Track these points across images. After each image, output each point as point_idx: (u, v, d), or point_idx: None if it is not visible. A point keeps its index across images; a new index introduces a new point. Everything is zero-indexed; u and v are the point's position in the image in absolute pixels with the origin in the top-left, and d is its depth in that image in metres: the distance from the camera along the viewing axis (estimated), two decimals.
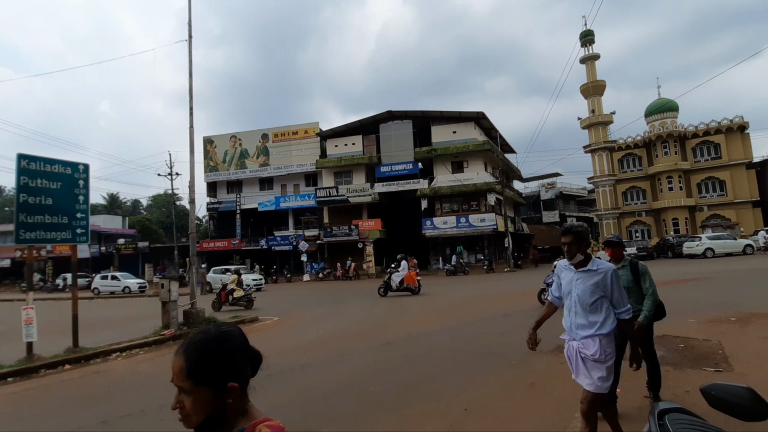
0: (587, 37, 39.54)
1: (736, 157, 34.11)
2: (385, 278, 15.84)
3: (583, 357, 2.77)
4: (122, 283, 27.30)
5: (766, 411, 1.34)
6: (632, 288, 3.77)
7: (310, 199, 35.72)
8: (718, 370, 5.04)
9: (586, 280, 2.79)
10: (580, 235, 2.83)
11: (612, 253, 3.93)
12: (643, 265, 3.84)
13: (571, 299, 2.88)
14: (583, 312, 2.80)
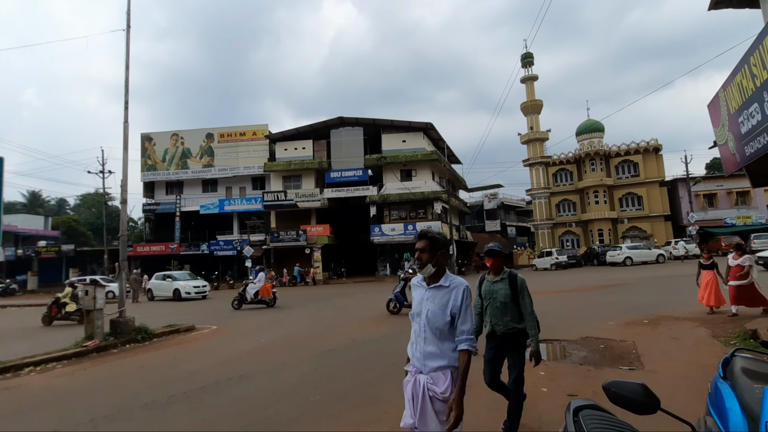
0: (527, 59, 42.26)
1: (651, 176, 37.95)
2: (240, 290, 15.56)
3: (432, 396, 2.26)
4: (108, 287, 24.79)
5: (657, 405, 1.54)
6: (509, 304, 3.52)
7: (257, 203, 34.77)
8: (631, 368, 5.53)
9: (437, 298, 2.35)
10: (435, 242, 2.40)
11: (492, 264, 3.66)
12: (522, 279, 3.59)
13: (420, 322, 2.38)
14: (434, 338, 2.31)
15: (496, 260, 3.65)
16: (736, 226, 35.12)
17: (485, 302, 3.67)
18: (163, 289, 21.74)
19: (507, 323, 3.55)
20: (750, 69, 4.18)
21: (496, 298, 3.58)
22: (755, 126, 4.25)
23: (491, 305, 3.61)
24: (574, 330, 8.02)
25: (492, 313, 3.61)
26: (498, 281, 3.62)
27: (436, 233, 2.46)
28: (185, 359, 7.67)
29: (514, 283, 3.56)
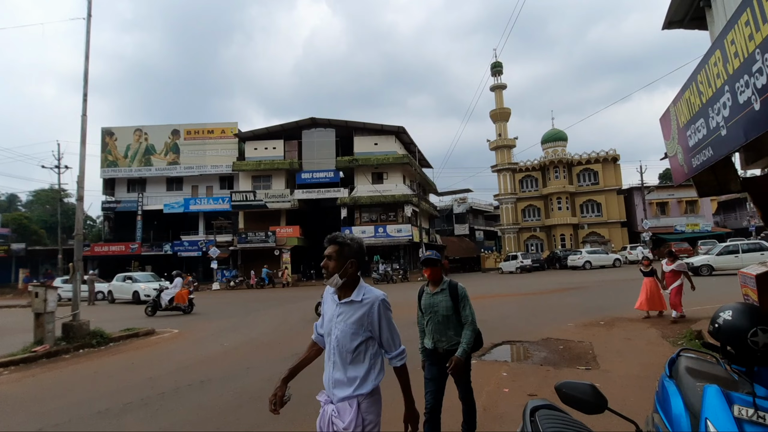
0: (497, 68, 43.45)
1: (609, 184, 39.84)
2: (153, 296, 15.01)
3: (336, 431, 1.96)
4: None
5: (604, 405, 1.60)
6: (451, 317, 3.26)
7: (225, 203, 33.91)
8: (588, 368, 5.76)
9: (348, 315, 2.03)
10: (345, 249, 2.06)
11: (430, 275, 3.36)
12: (463, 289, 3.33)
13: (330, 343, 2.05)
14: (342, 363, 2.00)
15: (433, 270, 3.34)
16: (685, 232, 37.43)
17: (426, 317, 3.34)
18: (123, 291, 20.74)
19: (451, 338, 3.24)
20: (697, 86, 4.49)
21: (437, 311, 3.26)
22: (701, 140, 4.57)
23: (432, 320, 3.29)
24: (536, 331, 8.31)
25: (434, 328, 3.27)
26: (438, 293, 3.31)
27: (348, 238, 2.12)
28: (144, 364, 7.39)
29: (454, 293, 3.26)
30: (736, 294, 5.71)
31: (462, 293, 3.28)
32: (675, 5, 6.41)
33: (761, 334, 1.68)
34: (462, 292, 3.29)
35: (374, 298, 2.05)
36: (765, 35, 3.03)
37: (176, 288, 14.44)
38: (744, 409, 1.59)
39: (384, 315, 2.04)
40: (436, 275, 3.37)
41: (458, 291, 3.28)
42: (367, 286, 2.11)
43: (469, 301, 3.30)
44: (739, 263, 18.11)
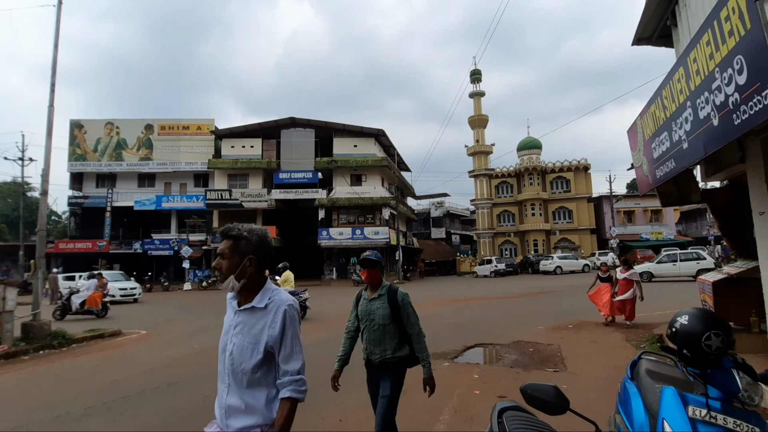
0: (476, 75, 44.26)
1: (581, 192, 41.20)
2: (63, 298, 14.06)
3: None
4: None
5: (566, 405, 1.66)
6: (388, 326, 2.89)
7: (199, 201, 33.10)
8: (556, 370, 5.91)
9: (248, 326, 1.66)
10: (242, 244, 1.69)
11: (368, 278, 2.98)
12: (404, 294, 2.95)
13: (224, 362, 1.69)
14: (238, 385, 1.64)
15: (371, 272, 2.96)
16: (650, 240, 38.98)
17: (362, 324, 3.01)
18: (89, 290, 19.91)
19: (385, 351, 2.90)
20: (662, 101, 4.72)
21: (374, 319, 2.91)
22: (665, 152, 4.80)
23: (368, 328, 2.95)
24: (508, 334, 8.47)
25: (368, 338, 2.95)
26: (375, 299, 2.95)
27: (245, 230, 1.73)
28: (108, 367, 7.13)
29: (393, 300, 2.89)
30: (685, 300, 6.00)
31: (402, 300, 2.90)
32: (644, 23, 6.71)
33: (714, 338, 1.75)
34: (402, 299, 2.91)
35: (280, 302, 1.67)
36: (724, 55, 3.22)
37: (89, 290, 13.48)
38: (697, 410, 1.68)
39: (289, 325, 1.65)
40: (374, 279, 2.99)
41: (398, 298, 2.90)
42: (275, 288, 1.75)
43: (411, 309, 2.94)
44: (676, 271, 19.41)
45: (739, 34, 2.97)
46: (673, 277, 19.32)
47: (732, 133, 3.25)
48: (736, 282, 5.57)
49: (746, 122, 3.01)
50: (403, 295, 2.94)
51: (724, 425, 1.63)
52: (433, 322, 10.57)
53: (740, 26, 2.94)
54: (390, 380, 2.92)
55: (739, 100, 3.03)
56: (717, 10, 3.23)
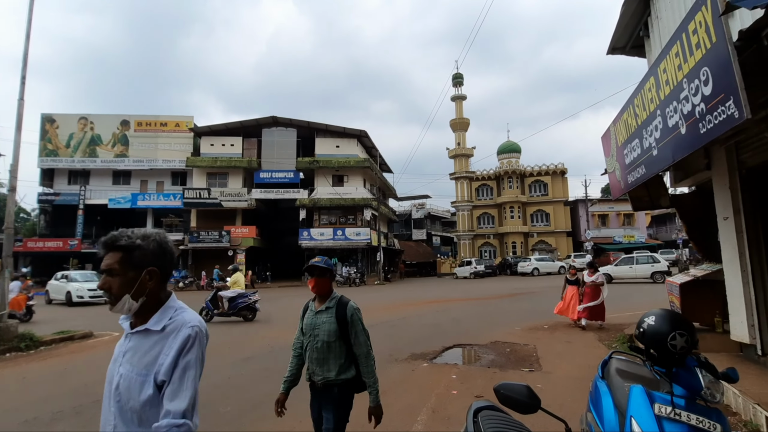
0: (457, 79, 44.81)
1: (558, 195, 42.15)
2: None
3: None
4: None
5: (537, 404, 1.69)
6: (333, 344, 2.51)
7: (176, 200, 32.35)
8: (531, 369, 6.04)
9: (138, 353, 1.38)
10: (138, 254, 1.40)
11: (315, 287, 2.61)
12: (354, 308, 2.60)
13: (109, 394, 1.43)
14: (124, 424, 1.37)
15: (319, 281, 2.59)
16: (622, 243, 40.21)
17: (305, 340, 2.65)
18: (60, 292, 19.22)
19: (328, 371, 2.52)
20: (634, 109, 4.90)
21: (318, 335, 2.54)
22: (636, 158, 4.99)
23: (311, 345, 2.58)
24: (485, 335, 8.61)
25: (311, 356, 2.58)
26: (322, 311, 2.59)
27: (138, 237, 1.43)
28: (78, 370, 6.91)
29: (342, 313, 2.54)
30: (657, 301, 6.20)
31: (352, 315, 2.55)
32: (618, 33, 6.95)
33: (679, 338, 1.81)
34: (352, 314, 2.55)
35: (181, 323, 1.36)
36: (691, 66, 3.37)
37: (12, 293, 12.32)
38: (663, 407, 1.75)
39: (186, 354, 1.32)
40: (322, 288, 2.62)
41: (347, 312, 2.54)
42: (179, 306, 1.44)
43: (361, 326, 2.57)
44: (633, 273, 20.61)
45: (706, 46, 3.11)
46: (630, 278, 20.16)
47: (698, 141, 3.40)
48: (702, 284, 5.82)
49: (711, 131, 3.16)
50: (353, 309, 2.58)
51: (687, 422, 1.70)
52: (413, 323, 10.65)
53: (707, 39, 3.09)
54: (333, 409, 2.52)
55: (705, 110, 3.18)
56: (685, 23, 3.38)
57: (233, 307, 11.39)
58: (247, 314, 11.55)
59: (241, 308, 11.40)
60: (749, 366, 4.85)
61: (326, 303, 2.62)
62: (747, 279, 4.80)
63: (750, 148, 4.70)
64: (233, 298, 11.42)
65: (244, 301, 11.43)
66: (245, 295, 11.53)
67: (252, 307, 11.59)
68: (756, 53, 3.04)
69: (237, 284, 11.75)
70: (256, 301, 11.65)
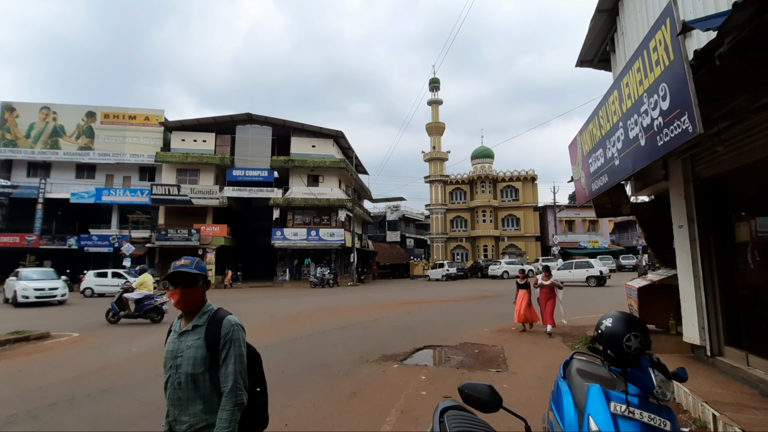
0: (434, 83, 45.40)
1: (528, 201, 43.34)
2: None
3: None
4: None
5: (499, 404, 1.75)
6: (201, 377, 1.84)
7: (144, 196, 31.23)
8: (498, 370, 6.17)
9: None
10: None
11: (181, 300, 1.91)
12: (233, 324, 1.90)
13: None
14: None
15: (186, 292, 1.91)
16: (587, 248, 41.72)
17: (165, 372, 1.93)
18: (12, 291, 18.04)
19: (197, 414, 1.84)
20: (599, 120, 5.11)
21: (179, 365, 1.86)
22: (599, 168, 5.21)
23: (171, 380, 1.88)
24: (455, 336, 8.75)
25: (172, 395, 1.88)
26: (188, 332, 1.91)
27: None
28: (34, 372, 6.58)
29: (214, 333, 1.87)
30: (620, 303, 6.45)
31: (228, 334, 1.86)
32: (586, 47, 7.23)
33: (633, 339, 1.91)
34: (229, 333, 1.87)
35: None
36: (651, 82, 3.56)
37: None
38: (619, 406, 1.84)
39: None
40: (190, 301, 1.93)
41: (222, 329, 1.87)
42: None
43: (238, 350, 1.86)
44: (571, 277, 22.38)
45: (665, 64, 3.29)
46: (569, 282, 21.37)
47: (656, 153, 3.59)
48: (658, 288, 6.13)
49: (668, 144, 3.34)
50: (231, 325, 1.88)
51: (640, 419, 1.79)
52: (385, 325, 10.70)
53: (665, 57, 3.27)
54: None
55: (663, 124, 3.37)
56: (647, 40, 3.57)
57: (140, 308, 11.26)
58: (155, 316, 11.44)
59: (147, 310, 11.28)
60: (699, 366, 5.14)
61: (194, 320, 1.92)
62: (699, 284, 5.09)
63: (704, 161, 5.00)
64: (140, 300, 11.29)
65: (151, 303, 11.30)
66: (152, 297, 11.39)
67: (159, 309, 11.42)
68: (709, 72, 3.24)
69: (144, 286, 11.58)
70: (164, 303, 11.46)
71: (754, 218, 4.63)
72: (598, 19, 6.76)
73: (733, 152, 4.39)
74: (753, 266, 4.62)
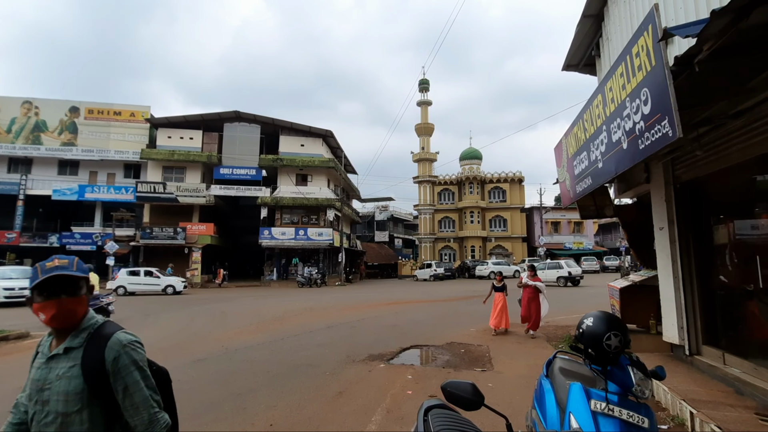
0: (424, 84, 45.58)
1: (515, 202, 43.82)
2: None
3: None
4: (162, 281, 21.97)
5: (481, 401, 1.76)
6: (77, 416, 1.38)
7: (128, 193, 30.70)
8: (484, 369, 6.23)
9: None
10: None
11: (54, 318, 1.42)
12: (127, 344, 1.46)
13: None
14: None
15: (63, 303, 1.43)
16: (572, 249, 42.36)
17: (31, 409, 1.45)
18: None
19: None
20: (583, 123, 5.20)
21: (48, 401, 1.41)
22: (583, 170, 5.29)
23: (38, 417, 1.42)
24: (442, 336, 8.81)
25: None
26: (59, 355, 1.45)
27: None
28: (11, 373, 6.41)
29: (97, 358, 1.42)
30: (604, 304, 6.55)
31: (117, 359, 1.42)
32: (572, 51, 7.35)
33: (613, 338, 1.95)
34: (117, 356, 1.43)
35: None
36: (633, 86, 3.63)
37: None
38: (599, 403, 1.89)
39: None
40: (68, 316, 1.46)
41: (107, 353, 1.43)
42: None
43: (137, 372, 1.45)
44: (544, 277, 22.77)
45: (646, 69, 3.37)
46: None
47: (638, 156, 3.67)
48: (639, 289, 6.26)
49: (649, 147, 3.41)
50: (121, 347, 1.44)
51: (619, 416, 1.84)
52: (373, 324, 10.71)
53: (647, 62, 3.34)
54: None
55: (644, 128, 3.44)
56: (630, 45, 3.64)
57: None
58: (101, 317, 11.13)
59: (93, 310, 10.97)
60: (678, 365, 5.26)
61: (69, 341, 1.46)
62: (678, 285, 5.22)
63: (684, 165, 5.12)
64: None
65: (96, 303, 11.03)
66: (98, 297, 11.14)
67: (105, 309, 11.18)
68: (689, 78, 3.32)
69: None
70: (110, 303, 11.24)
71: (732, 221, 4.76)
72: (584, 24, 6.87)
73: (711, 156, 4.51)
74: (731, 268, 4.75)
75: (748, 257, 4.43)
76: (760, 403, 3.86)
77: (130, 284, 22.18)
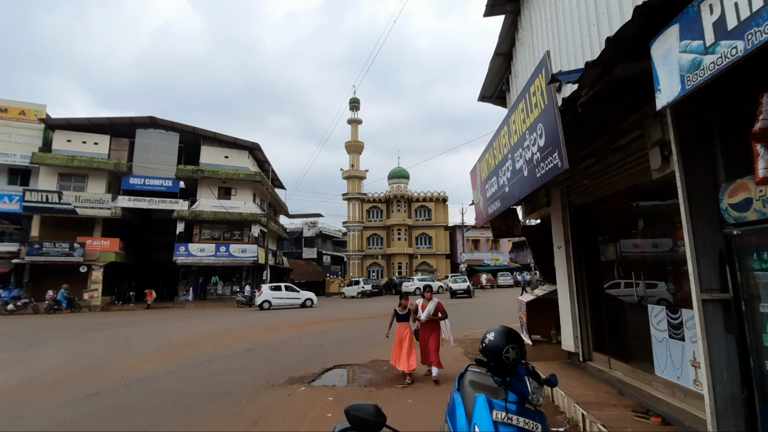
0: (354, 103, 46.44)
1: (439, 221, 45.95)
2: None
3: None
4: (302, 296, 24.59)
5: (383, 423, 1.79)
6: None
7: (13, 202, 26.69)
8: (404, 386, 6.30)
9: None
10: None
11: None
12: None
13: None
14: None
15: None
16: (490, 265, 45.25)
17: None
18: None
19: None
20: (493, 151, 5.68)
21: None
22: (494, 193, 5.76)
23: None
24: (366, 354, 8.82)
25: None
26: None
27: None
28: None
29: None
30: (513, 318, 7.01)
31: None
32: (486, 84, 8.03)
33: (511, 351, 2.12)
34: None
35: None
36: (531, 121, 4.07)
37: None
38: (499, 413, 2.02)
39: None
40: None
41: None
42: None
43: None
44: None
45: (541, 107, 3.80)
46: None
47: (536, 182, 4.09)
48: (543, 302, 6.87)
49: (544, 176, 3.83)
50: None
51: (517, 425, 1.98)
52: (296, 345, 10.38)
53: (542, 101, 3.77)
54: None
55: (540, 158, 3.86)
56: (528, 85, 4.09)
57: None
58: None
59: None
60: (574, 371, 5.83)
61: None
62: (573, 297, 5.83)
63: (576, 191, 5.80)
64: None
65: None
66: None
67: None
68: (575, 117, 3.81)
69: None
70: None
71: (616, 241, 5.45)
72: (496, 62, 7.57)
73: (596, 185, 5.17)
74: (615, 280, 5.43)
75: (626, 272, 5.10)
76: (636, 402, 4.42)
77: (274, 299, 23.84)
